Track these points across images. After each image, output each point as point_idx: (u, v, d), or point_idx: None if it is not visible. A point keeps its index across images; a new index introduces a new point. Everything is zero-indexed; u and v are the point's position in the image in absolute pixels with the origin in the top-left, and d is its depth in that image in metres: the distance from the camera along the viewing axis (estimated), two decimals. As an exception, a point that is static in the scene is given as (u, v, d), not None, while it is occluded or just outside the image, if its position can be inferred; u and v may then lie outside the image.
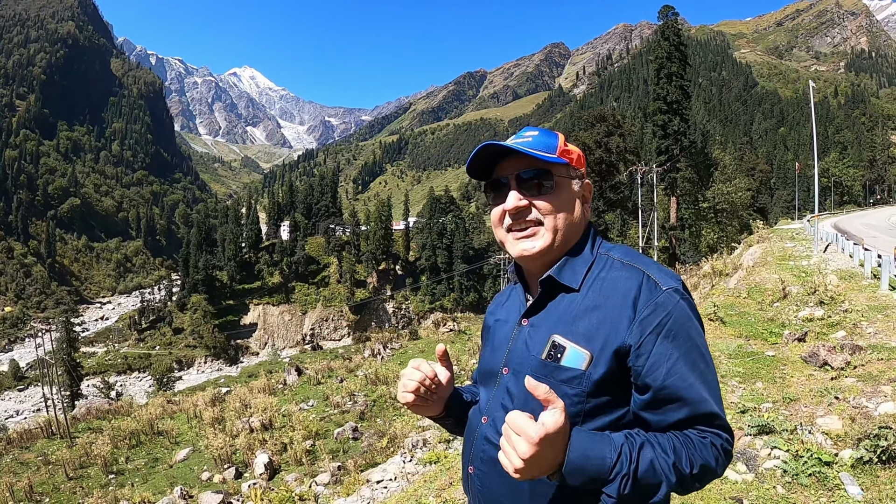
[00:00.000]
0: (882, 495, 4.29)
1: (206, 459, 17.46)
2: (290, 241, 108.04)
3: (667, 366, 1.32)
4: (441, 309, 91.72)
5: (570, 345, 1.39)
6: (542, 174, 1.49)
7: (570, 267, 1.50)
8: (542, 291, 1.51)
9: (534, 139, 1.52)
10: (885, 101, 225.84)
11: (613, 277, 1.44)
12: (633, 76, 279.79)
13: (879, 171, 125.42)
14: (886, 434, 4.83)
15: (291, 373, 28.80)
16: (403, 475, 10.19)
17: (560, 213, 1.49)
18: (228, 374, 67.39)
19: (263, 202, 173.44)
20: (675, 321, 1.35)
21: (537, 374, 1.40)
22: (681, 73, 46.09)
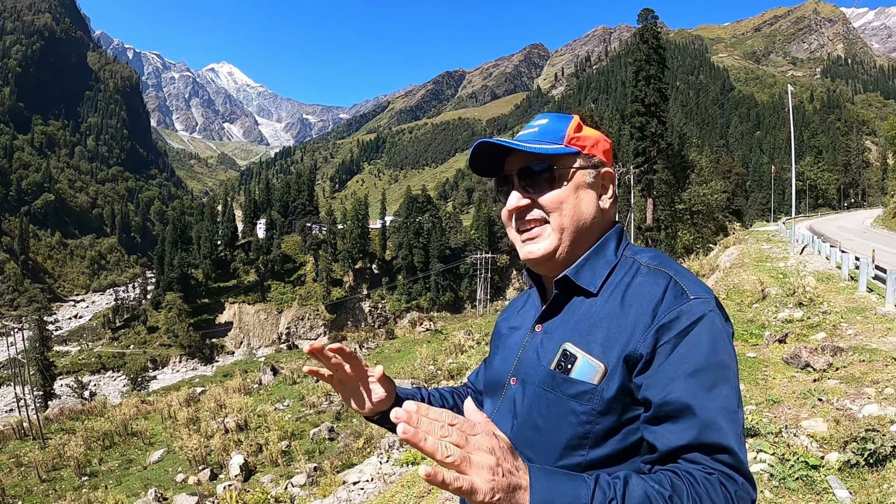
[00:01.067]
0: (871, 499, 4.22)
1: (180, 461, 17.24)
2: (267, 239, 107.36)
3: (677, 377, 1.12)
4: (417, 308, 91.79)
5: (583, 355, 1.22)
6: (545, 168, 1.33)
7: (589, 268, 1.33)
8: (558, 294, 1.34)
9: (541, 128, 1.38)
10: (860, 107, 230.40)
11: (638, 283, 1.26)
12: (611, 78, 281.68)
13: (854, 175, 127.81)
14: (873, 437, 4.77)
15: (267, 372, 28.62)
16: (380, 476, 10.05)
17: (567, 209, 1.32)
18: (203, 373, 66.90)
19: (240, 200, 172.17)
20: (701, 332, 1.15)
21: (544, 387, 1.26)
22: (659, 75, 46.40)
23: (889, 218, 45.01)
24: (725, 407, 1.11)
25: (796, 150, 32.94)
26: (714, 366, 1.13)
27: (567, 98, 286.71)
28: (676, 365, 1.13)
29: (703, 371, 1.12)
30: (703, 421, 1.09)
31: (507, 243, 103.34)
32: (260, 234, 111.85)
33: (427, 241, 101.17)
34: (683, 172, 49.37)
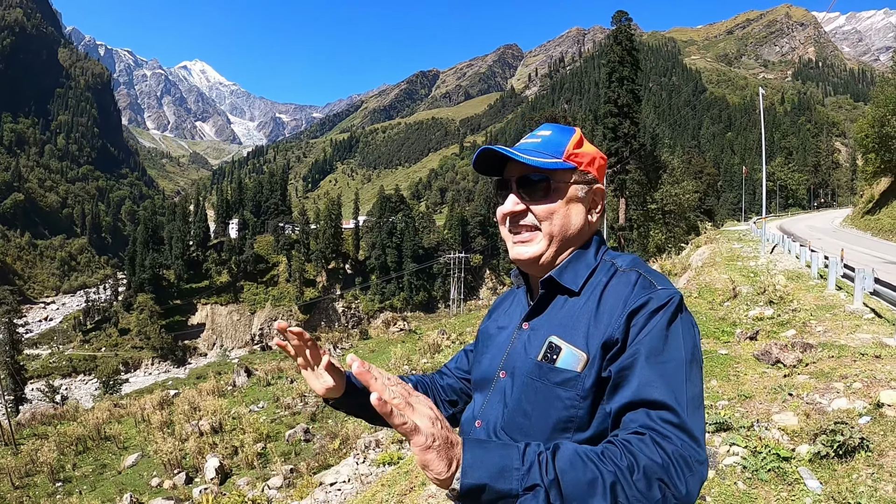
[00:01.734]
0: (841, 488, 4.33)
1: (155, 465, 17.05)
2: (239, 239, 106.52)
3: (636, 352, 1.24)
4: (391, 308, 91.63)
5: (566, 346, 1.34)
6: (542, 178, 1.44)
7: (571, 270, 1.45)
8: (543, 293, 1.47)
9: (543, 140, 1.49)
10: (830, 109, 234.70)
11: (613, 283, 1.39)
12: (584, 79, 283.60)
13: (823, 175, 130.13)
14: (842, 429, 4.89)
15: (241, 374, 28.39)
16: (357, 477, 10.06)
17: (557, 219, 1.44)
18: (176, 375, 66.12)
19: (212, 199, 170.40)
20: (665, 313, 1.27)
21: (532, 377, 1.37)
22: (632, 77, 46.77)
23: (858, 217, 45.78)
24: (668, 372, 1.20)
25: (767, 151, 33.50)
26: (667, 340, 1.24)
27: (540, 98, 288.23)
28: (639, 343, 1.24)
29: (652, 344, 1.23)
30: (643, 380, 1.19)
31: (480, 243, 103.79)
32: (232, 234, 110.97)
33: (400, 241, 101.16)
34: (656, 173, 49.81)
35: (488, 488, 1.00)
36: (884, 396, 5.62)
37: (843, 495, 4.23)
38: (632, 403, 1.19)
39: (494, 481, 1.00)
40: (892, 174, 41.34)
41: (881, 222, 36.90)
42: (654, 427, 1.12)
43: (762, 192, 34.38)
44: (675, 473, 1.06)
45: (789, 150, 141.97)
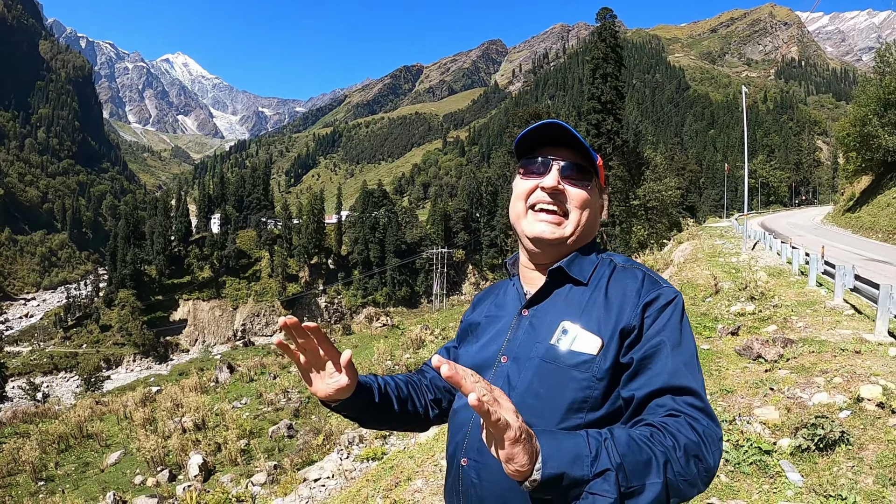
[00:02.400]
0: (822, 480, 4.40)
1: (138, 462, 16.91)
2: (221, 234, 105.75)
3: (655, 339, 1.34)
4: (373, 304, 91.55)
5: (581, 330, 1.40)
6: (586, 172, 1.53)
7: (578, 263, 1.52)
8: (549, 282, 1.53)
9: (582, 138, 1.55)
10: (812, 108, 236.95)
11: (616, 277, 1.48)
12: (568, 75, 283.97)
13: (805, 173, 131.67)
14: (823, 423, 4.95)
15: (223, 370, 28.24)
16: (341, 472, 10.04)
17: (588, 209, 1.53)
18: (158, 372, 65.81)
19: (194, 194, 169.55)
20: (675, 308, 1.40)
21: (545, 359, 1.41)
22: (616, 74, 46.95)
23: (839, 215, 46.27)
24: (688, 362, 1.33)
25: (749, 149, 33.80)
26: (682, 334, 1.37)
27: (524, 94, 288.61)
28: (656, 331, 1.35)
29: (673, 337, 1.35)
30: (671, 370, 1.30)
31: (462, 238, 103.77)
32: (214, 229, 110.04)
33: (383, 236, 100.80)
34: (638, 169, 50.03)
35: (565, 476, 1.04)
36: (864, 391, 5.69)
37: (824, 488, 4.28)
38: (661, 390, 1.28)
39: (570, 469, 1.05)
40: (873, 173, 41.80)
41: (862, 220, 37.29)
42: (685, 411, 1.23)
43: (744, 189, 34.64)
44: (706, 450, 1.18)
45: (771, 147, 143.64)
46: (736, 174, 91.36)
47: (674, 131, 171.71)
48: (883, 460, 4.55)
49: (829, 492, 4.22)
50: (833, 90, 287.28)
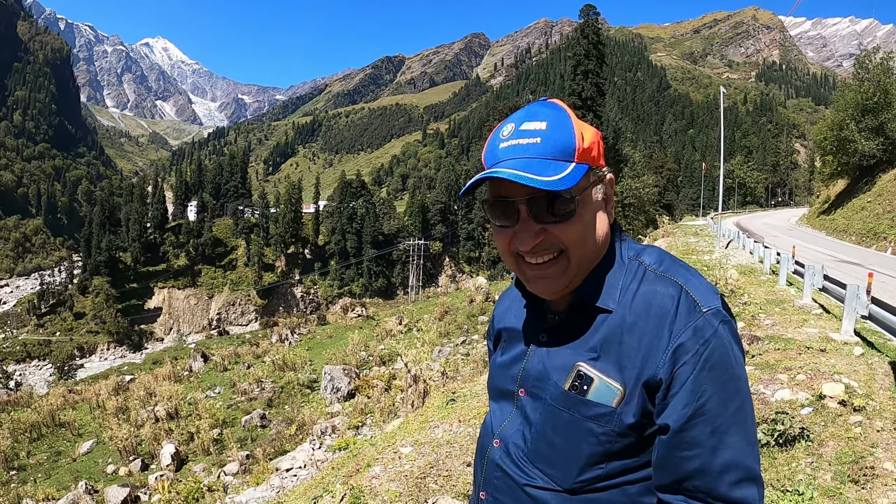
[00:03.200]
0: (780, 475, 4.48)
1: (110, 451, 16.81)
2: (198, 222, 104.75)
3: (695, 404, 1.09)
4: (349, 294, 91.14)
5: (598, 377, 1.16)
6: (559, 198, 1.15)
7: (600, 284, 1.23)
8: (568, 313, 1.27)
9: (543, 137, 1.17)
10: (791, 111, 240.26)
11: (646, 292, 1.18)
12: (550, 71, 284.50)
13: (782, 175, 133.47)
14: (783, 419, 5.04)
15: (197, 359, 28.12)
16: (313, 462, 10.05)
17: (588, 241, 1.20)
18: (132, 360, 65.11)
19: (171, 181, 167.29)
20: (713, 351, 1.10)
21: (559, 406, 1.20)
22: (597, 71, 47.17)
23: (814, 217, 46.86)
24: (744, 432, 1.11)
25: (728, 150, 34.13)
26: (730, 383, 1.11)
27: (505, 88, 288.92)
28: (694, 390, 1.09)
29: (720, 392, 1.10)
30: (715, 468, 1.09)
31: (440, 231, 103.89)
32: (191, 216, 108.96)
33: (360, 227, 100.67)
34: (617, 166, 50.33)
35: None
36: (826, 388, 5.79)
37: (781, 482, 4.36)
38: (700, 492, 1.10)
39: None
40: (849, 176, 42.40)
41: (836, 222, 37.81)
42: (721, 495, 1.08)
43: (720, 189, 34.97)
44: None
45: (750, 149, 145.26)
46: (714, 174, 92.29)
47: (653, 130, 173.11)
48: (842, 457, 4.63)
49: (786, 486, 4.29)
50: (813, 94, 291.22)
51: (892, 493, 4.13)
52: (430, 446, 5.50)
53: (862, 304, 8.22)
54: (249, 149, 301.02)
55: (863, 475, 4.35)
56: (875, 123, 36.83)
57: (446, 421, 6.21)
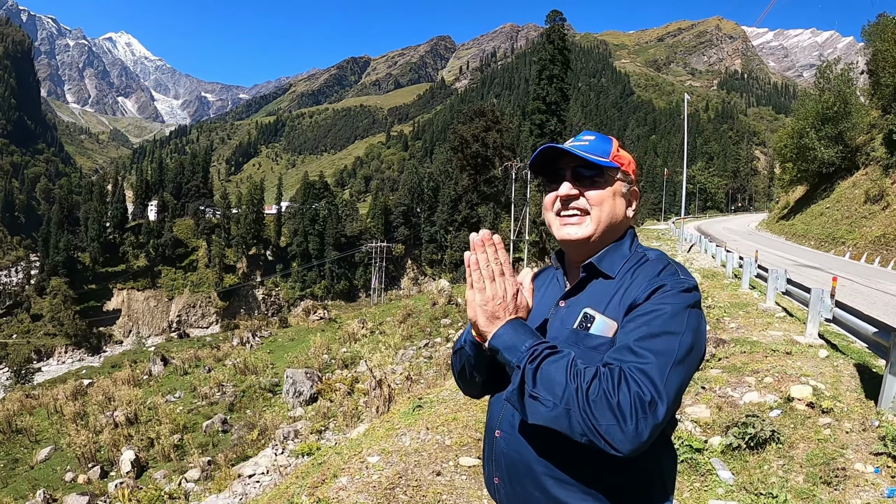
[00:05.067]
0: (752, 479, 4.47)
1: (69, 458, 16.36)
2: (158, 221, 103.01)
3: (645, 312, 1.43)
4: (312, 296, 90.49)
5: (599, 315, 1.52)
6: (595, 172, 1.63)
7: (609, 258, 1.63)
8: (584, 276, 1.65)
9: (590, 143, 1.66)
10: (752, 119, 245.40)
11: (643, 267, 1.56)
12: (515, 75, 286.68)
13: (742, 181, 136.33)
14: (753, 422, 5.04)
15: (157, 362, 27.59)
16: (276, 468, 9.91)
17: (606, 206, 1.62)
18: (91, 364, 63.62)
19: (131, 179, 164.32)
20: (681, 298, 1.44)
21: (569, 342, 1.52)
22: (562, 76, 47.56)
23: (773, 222, 47.81)
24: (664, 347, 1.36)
25: (689, 155, 34.76)
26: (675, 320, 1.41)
27: (470, 91, 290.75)
28: (650, 307, 1.44)
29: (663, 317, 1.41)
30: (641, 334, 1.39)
31: (402, 233, 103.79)
32: (151, 216, 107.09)
33: (323, 229, 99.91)
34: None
35: (500, 354, 1.43)
36: (794, 391, 5.82)
37: (755, 486, 4.35)
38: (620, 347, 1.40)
39: (504, 351, 1.41)
40: (808, 183, 43.39)
41: (795, 227, 38.59)
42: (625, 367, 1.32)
43: (682, 194, 35.44)
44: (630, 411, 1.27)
45: (711, 155, 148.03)
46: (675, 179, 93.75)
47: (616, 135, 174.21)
48: (813, 459, 4.65)
49: (759, 490, 4.28)
50: (773, 103, 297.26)
51: (864, 494, 4.15)
52: (398, 455, 5.38)
53: (826, 307, 8.33)
54: (212, 148, 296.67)
55: (835, 476, 4.36)
56: (834, 132, 37.75)
57: (413, 428, 6.10)
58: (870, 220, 27.44)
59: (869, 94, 39.36)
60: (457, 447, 5.46)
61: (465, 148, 48.44)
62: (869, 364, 6.95)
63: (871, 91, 38.22)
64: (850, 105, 38.09)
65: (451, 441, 5.60)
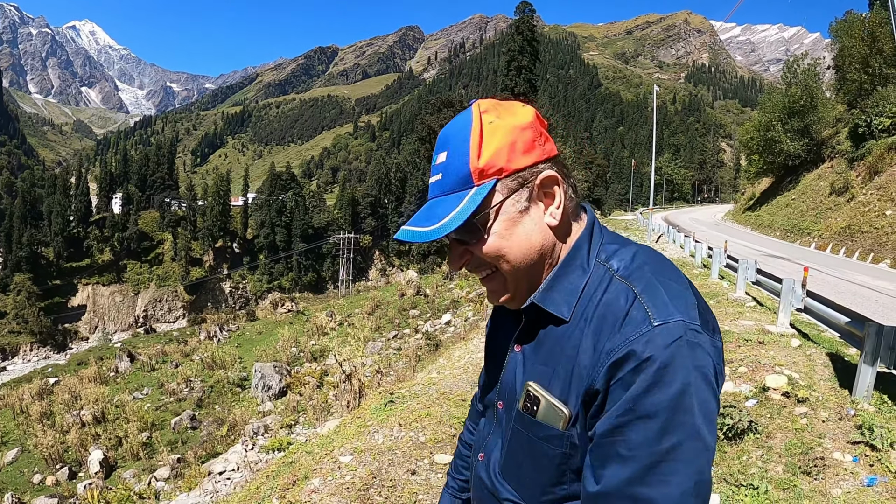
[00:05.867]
0: (732, 470, 4.46)
1: (36, 460, 16.12)
2: (123, 215, 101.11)
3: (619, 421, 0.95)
4: (279, 289, 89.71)
5: (545, 398, 1.09)
6: (464, 225, 1.07)
7: (558, 289, 1.11)
8: (527, 322, 1.18)
9: (444, 174, 1.12)
10: (718, 112, 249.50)
11: (606, 301, 1.05)
12: (483, 66, 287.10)
13: (708, 172, 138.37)
14: (731, 412, 5.02)
15: (123, 359, 27.25)
16: (246, 464, 9.76)
17: (508, 253, 1.09)
18: (56, 362, 62.61)
19: (95, 171, 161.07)
20: (657, 372, 0.92)
21: (518, 425, 1.15)
22: (531, 67, 47.62)
23: (739, 213, 48.47)
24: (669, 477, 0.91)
25: (657, 147, 35.13)
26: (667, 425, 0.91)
27: (438, 82, 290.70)
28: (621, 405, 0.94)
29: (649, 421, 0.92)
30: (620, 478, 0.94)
31: (370, 224, 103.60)
32: (116, 209, 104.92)
33: (290, 220, 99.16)
34: (548, 161, 50.94)
35: None
36: (769, 380, 5.82)
37: (735, 477, 4.33)
38: None
39: None
40: (774, 175, 44.09)
41: (761, 218, 39.15)
42: None
43: (650, 185, 35.75)
44: None
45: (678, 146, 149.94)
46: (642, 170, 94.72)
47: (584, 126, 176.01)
48: (791, 448, 4.65)
49: (740, 481, 4.26)
50: (740, 96, 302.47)
51: (844, 483, 4.16)
52: (371, 454, 5.26)
53: (797, 297, 8.40)
54: (177, 139, 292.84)
55: (814, 466, 4.37)
56: (801, 125, 38.44)
57: (385, 425, 5.98)
58: (835, 212, 27.90)
59: (835, 88, 40.28)
60: (431, 444, 5.37)
61: (432, 139, 48.39)
62: (841, 353, 7.01)
63: (838, 86, 39.13)
64: (817, 99, 38.75)
65: (425, 438, 5.50)
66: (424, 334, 19.64)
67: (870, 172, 26.60)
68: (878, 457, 4.42)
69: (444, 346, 15.99)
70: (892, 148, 25.77)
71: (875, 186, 25.36)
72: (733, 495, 4.11)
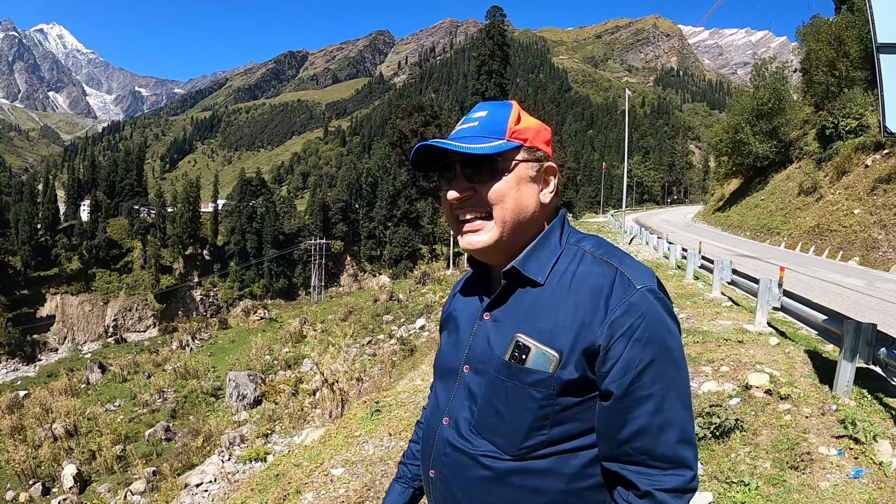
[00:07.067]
0: (722, 467, 4.50)
1: (8, 476, 15.76)
2: (91, 222, 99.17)
3: (633, 372, 1.17)
4: (251, 296, 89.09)
5: (535, 345, 1.24)
6: (487, 161, 1.28)
7: (535, 258, 1.31)
8: (506, 284, 1.34)
9: (481, 122, 1.32)
10: (687, 115, 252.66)
11: (583, 272, 1.26)
12: (454, 70, 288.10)
13: (677, 174, 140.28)
14: (717, 411, 5.07)
15: (94, 370, 26.86)
16: (224, 476, 9.63)
17: (509, 202, 1.28)
18: (26, 374, 61.42)
19: (63, 178, 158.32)
20: (649, 324, 1.18)
21: (501, 376, 1.27)
22: (501, 71, 47.83)
23: (709, 214, 49.14)
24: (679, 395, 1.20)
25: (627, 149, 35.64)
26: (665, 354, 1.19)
27: (409, 86, 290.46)
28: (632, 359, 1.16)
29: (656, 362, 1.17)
30: (654, 426, 1.17)
31: (341, 229, 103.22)
32: (84, 216, 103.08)
33: (260, 226, 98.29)
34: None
35: None
36: (751, 378, 5.90)
37: (725, 474, 4.37)
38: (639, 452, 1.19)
39: None
40: (743, 176, 44.80)
41: (731, 219, 39.72)
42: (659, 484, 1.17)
43: (622, 187, 36.07)
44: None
45: (647, 149, 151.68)
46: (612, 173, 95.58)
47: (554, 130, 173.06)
48: (777, 445, 4.71)
49: (731, 478, 4.30)
50: (708, 99, 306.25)
51: (831, 476, 4.23)
52: (363, 465, 5.21)
53: (774, 296, 8.52)
54: (146, 145, 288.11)
55: (801, 461, 4.43)
56: (769, 127, 39.08)
57: (374, 435, 5.93)
58: (804, 211, 28.37)
59: (802, 91, 41.01)
60: (422, 452, 5.32)
61: (403, 143, 48.36)
62: (819, 350, 7.13)
63: (805, 88, 39.90)
64: (785, 101, 39.42)
65: (415, 447, 5.46)
66: (399, 339, 19.61)
67: (837, 172, 27.10)
68: (862, 449, 4.49)
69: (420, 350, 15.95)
70: (859, 149, 26.29)
71: (843, 186, 25.83)
72: (725, 492, 4.15)
